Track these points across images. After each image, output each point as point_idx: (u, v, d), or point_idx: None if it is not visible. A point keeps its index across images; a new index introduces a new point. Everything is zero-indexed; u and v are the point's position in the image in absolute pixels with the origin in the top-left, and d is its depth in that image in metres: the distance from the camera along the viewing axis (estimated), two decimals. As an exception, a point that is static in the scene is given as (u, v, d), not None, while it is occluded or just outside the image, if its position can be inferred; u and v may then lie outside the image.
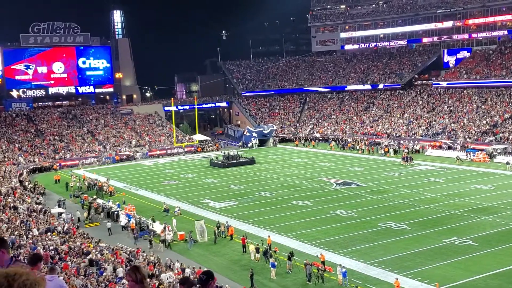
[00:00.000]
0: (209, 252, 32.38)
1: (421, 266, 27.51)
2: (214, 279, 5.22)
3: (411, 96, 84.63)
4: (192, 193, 49.38)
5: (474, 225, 34.09)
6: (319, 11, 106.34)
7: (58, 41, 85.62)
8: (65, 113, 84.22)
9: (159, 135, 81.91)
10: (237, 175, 57.46)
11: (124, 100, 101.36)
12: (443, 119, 73.36)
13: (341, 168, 58.58)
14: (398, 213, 38.18)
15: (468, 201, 40.19)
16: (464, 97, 76.85)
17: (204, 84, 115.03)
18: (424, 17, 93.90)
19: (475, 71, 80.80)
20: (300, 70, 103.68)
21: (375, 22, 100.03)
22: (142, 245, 33.73)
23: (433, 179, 49.85)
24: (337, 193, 45.86)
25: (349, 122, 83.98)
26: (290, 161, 65.10)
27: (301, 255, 29.69)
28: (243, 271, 28.43)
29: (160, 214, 41.20)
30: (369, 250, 30.48)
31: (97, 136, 78.83)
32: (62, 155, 71.81)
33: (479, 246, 29.96)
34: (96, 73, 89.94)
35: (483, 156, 58.13)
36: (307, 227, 35.80)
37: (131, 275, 4.53)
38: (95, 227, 39.76)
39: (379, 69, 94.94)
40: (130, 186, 54.52)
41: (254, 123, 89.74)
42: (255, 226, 36.93)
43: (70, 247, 29.53)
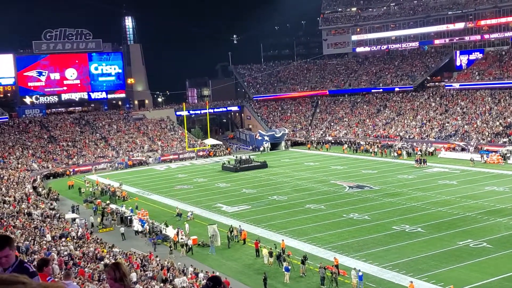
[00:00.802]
0: (222, 257, 32.38)
1: (436, 268, 27.31)
2: (221, 286, 5.11)
3: (423, 98, 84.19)
4: (204, 197, 49.44)
5: (488, 227, 33.80)
6: (330, 14, 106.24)
7: (71, 48, 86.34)
8: (78, 119, 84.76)
9: (171, 139, 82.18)
10: (249, 179, 57.46)
11: (136, 105, 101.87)
12: (456, 121, 72.91)
13: (354, 171, 58.38)
14: (412, 215, 37.95)
15: (482, 203, 39.88)
16: (477, 98, 76.34)
17: (216, 88, 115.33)
18: (436, 18, 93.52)
19: (487, 72, 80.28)
20: (311, 73, 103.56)
21: (387, 24, 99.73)
22: (160, 250, 33.82)
23: (446, 181, 49.52)
24: (350, 196, 45.70)
25: (362, 125, 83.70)
26: (302, 165, 64.98)
27: (314, 259, 29.60)
28: (257, 275, 28.39)
29: (173, 218, 41.27)
30: (383, 253, 30.31)
31: (110, 141, 79.25)
32: (75, 160, 72.23)
33: (494, 248, 29.70)
34: (108, 79, 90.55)
35: (496, 157, 57.68)
36: (320, 231, 35.69)
37: (110, 273, 4.35)
38: (108, 232, 39.90)
39: (391, 72, 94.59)
40: (143, 191, 54.70)
41: (265, 127, 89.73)
42: (268, 230, 36.88)
43: (84, 253, 29.66)
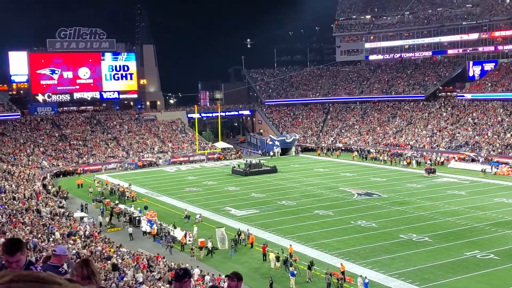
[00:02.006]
0: (229, 260, 32.48)
1: (442, 278, 27.26)
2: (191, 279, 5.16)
3: (435, 108, 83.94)
4: (213, 200, 49.57)
5: (496, 239, 33.67)
6: (344, 21, 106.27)
7: (84, 47, 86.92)
8: (89, 118, 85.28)
9: (182, 142, 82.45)
10: (258, 183, 57.55)
11: (148, 106, 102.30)
12: (467, 132, 72.63)
13: (363, 178, 58.31)
14: (420, 225, 37.87)
15: (491, 215, 39.72)
16: (489, 109, 76.02)
17: (228, 92, 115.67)
18: (450, 28, 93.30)
19: (500, 83, 79.93)
20: (324, 80, 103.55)
21: (400, 33, 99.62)
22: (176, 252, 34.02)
23: (455, 191, 49.36)
24: (359, 204, 45.66)
25: (372, 133, 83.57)
26: (312, 171, 64.98)
27: (321, 265, 29.64)
28: (263, 279, 28.47)
29: (181, 220, 41.41)
30: (390, 261, 30.29)
31: (121, 141, 79.64)
32: (86, 159, 72.67)
33: (501, 260, 29.58)
34: (121, 79, 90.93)
35: (507, 169, 57.40)
36: (327, 237, 35.71)
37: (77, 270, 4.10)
38: (116, 232, 40.13)
39: (403, 80, 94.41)
40: (152, 192, 54.93)
41: (276, 131, 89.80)
42: (276, 234, 36.94)
43: (91, 252, 29.87)
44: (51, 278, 2.28)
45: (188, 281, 5.04)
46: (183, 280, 5.03)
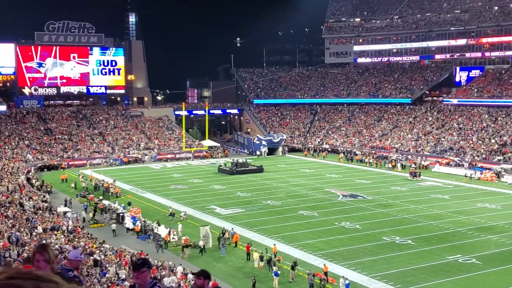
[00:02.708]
0: (212, 258, 32.47)
1: (424, 282, 27.45)
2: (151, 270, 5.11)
3: (421, 112, 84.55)
4: (199, 198, 49.52)
5: (478, 244, 33.98)
6: (334, 23, 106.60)
7: (73, 41, 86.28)
8: (75, 113, 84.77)
9: (169, 139, 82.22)
10: (244, 182, 57.57)
11: (135, 102, 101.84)
12: (452, 136, 73.22)
13: (348, 180, 58.56)
14: (403, 227, 38.11)
15: (474, 219, 40.07)
16: (474, 115, 76.69)
17: (216, 90, 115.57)
18: (438, 33, 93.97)
19: (486, 89, 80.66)
20: (312, 81, 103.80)
21: (389, 37, 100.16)
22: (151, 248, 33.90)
23: (439, 195, 49.73)
24: (343, 205, 45.84)
25: (358, 135, 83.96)
26: (298, 171, 65.14)
27: (304, 265, 29.74)
28: (246, 279, 28.49)
29: (165, 218, 41.30)
30: (372, 263, 30.46)
31: (106, 137, 79.26)
32: (70, 154, 72.25)
33: (483, 265, 29.86)
34: (108, 74, 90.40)
35: (490, 175, 57.93)
36: (311, 238, 35.82)
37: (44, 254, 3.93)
38: (99, 228, 39.94)
39: (390, 84, 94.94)
40: (137, 188, 54.74)
41: (264, 131, 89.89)
42: (260, 234, 36.99)
43: (74, 247, 29.70)
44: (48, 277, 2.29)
45: (146, 271, 5.01)
46: (141, 269, 5.01)
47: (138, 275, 5.06)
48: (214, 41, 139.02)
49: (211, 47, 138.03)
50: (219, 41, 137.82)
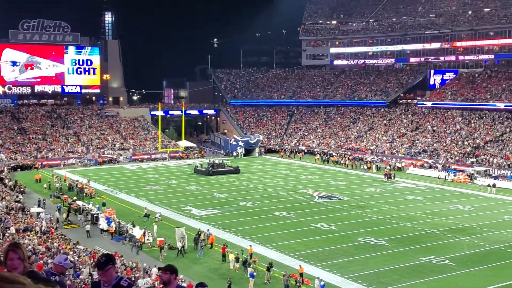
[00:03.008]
0: (188, 260, 32.36)
1: (398, 283, 27.73)
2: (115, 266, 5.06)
3: (396, 114, 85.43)
4: (174, 199, 49.30)
5: (451, 245, 34.43)
6: (311, 25, 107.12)
7: (48, 39, 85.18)
8: (49, 112, 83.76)
9: (144, 139, 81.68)
10: (221, 183, 57.48)
11: (110, 102, 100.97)
12: (426, 139, 74.10)
13: (324, 181, 58.87)
14: (378, 228, 38.45)
15: (447, 221, 40.60)
16: (448, 118, 77.74)
17: (193, 90, 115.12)
18: (413, 37, 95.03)
19: (460, 93, 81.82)
20: (289, 82, 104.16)
21: (365, 40, 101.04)
22: (126, 249, 33.63)
23: (413, 197, 50.29)
24: (319, 206, 46.08)
25: (335, 137, 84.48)
26: (275, 172, 65.27)
27: (280, 266, 29.80)
28: (221, 280, 28.45)
29: (140, 219, 41.04)
30: (347, 264, 30.67)
31: (81, 137, 78.44)
32: (44, 154, 71.35)
33: (456, 266, 30.27)
34: (83, 73, 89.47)
35: (464, 177, 58.75)
36: (287, 239, 35.92)
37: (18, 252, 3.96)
38: (73, 229, 39.51)
39: (366, 86, 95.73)
40: (111, 189, 54.27)
41: (241, 132, 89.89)
42: (236, 235, 36.97)
43: (48, 248, 29.36)
44: (14, 278, 2.28)
45: (111, 267, 4.97)
46: (106, 267, 4.99)
47: (103, 273, 5.00)
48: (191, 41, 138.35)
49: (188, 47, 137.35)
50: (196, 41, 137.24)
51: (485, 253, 32.80)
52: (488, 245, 34.21)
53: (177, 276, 5.65)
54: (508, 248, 33.61)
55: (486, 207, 46.18)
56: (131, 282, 5.25)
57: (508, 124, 70.40)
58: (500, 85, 79.35)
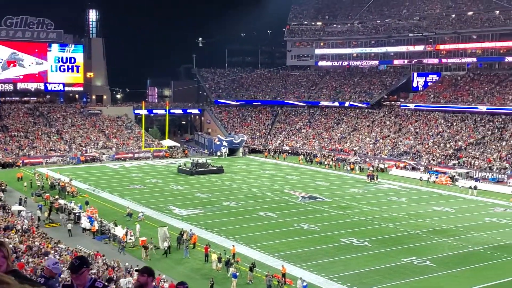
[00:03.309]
0: (170, 260, 32.26)
1: (379, 283, 27.89)
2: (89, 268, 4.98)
3: (379, 116, 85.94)
4: (157, 199, 49.10)
5: (433, 246, 34.71)
6: (296, 26, 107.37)
7: (31, 36, 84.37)
8: (32, 110, 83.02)
9: (127, 138, 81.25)
10: (204, 183, 57.37)
11: (93, 100, 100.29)
12: (408, 140, 74.63)
13: (307, 182, 59.02)
14: (360, 229, 38.64)
15: (429, 222, 40.92)
16: (431, 120, 78.36)
17: (177, 89, 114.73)
18: (397, 39, 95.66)
19: (442, 95, 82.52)
20: (273, 83, 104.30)
21: (349, 41, 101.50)
22: (108, 249, 33.44)
23: (395, 198, 50.62)
24: (302, 207, 46.19)
25: (318, 137, 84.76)
26: (258, 172, 65.31)
27: (262, 267, 29.83)
28: (204, 280, 28.40)
29: (123, 218, 40.83)
30: (330, 265, 30.78)
31: (63, 135, 77.84)
32: (26, 152, 70.69)
33: (437, 267, 30.52)
34: (67, 71, 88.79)
35: (445, 179, 59.26)
36: (270, 239, 35.96)
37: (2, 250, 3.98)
38: (55, 228, 39.20)
39: (350, 87, 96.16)
40: (94, 188, 53.90)
41: (225, 132, 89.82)
42: (219, 235, 36.93)
43: (29, 246, 29.09)
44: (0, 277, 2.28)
45: (85, 271, 4.88)
46: (80, 271, 4.88)
47: (77, 277, 4.90)
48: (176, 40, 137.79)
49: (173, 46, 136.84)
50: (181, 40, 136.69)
51: (466, 254, 33.11)
52: (469, 247, 34.54)
53: (154, 278, 5.59)
54: (488, 249, 33.98)
55: (467, 209, 46.62)
56: (105, 284, 5.16)
57: (490, 127, 71.18)
58: (482, 88, 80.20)
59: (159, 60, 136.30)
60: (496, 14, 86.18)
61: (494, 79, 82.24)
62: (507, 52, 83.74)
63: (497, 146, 65.91)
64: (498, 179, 58.75)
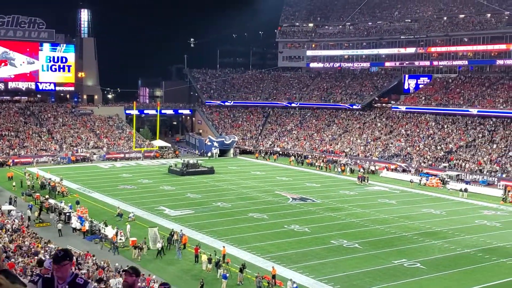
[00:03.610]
0: (161, 261, 32.18)
1: (370, 285, 27.95)
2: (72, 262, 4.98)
3: (370, 118, 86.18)
4: (148, 199, 48.98)
5: (423, 249, 34.82)
6: (288, 27, 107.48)
7: (22, 35, 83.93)
8: (23, 109, 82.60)
9: (118, 138, 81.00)
10: (195, 183, 57.30)
11: (85, 100, 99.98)
12: (399, 142, 74.88)
13: (298, 183, 59.06)
14: (350, 231, 38.72)
15: (419, 225, 41.06)
16: (422, 122, 78.67)
17: (169, 90, 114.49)
18: (388, 41, 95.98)
19: (433, 98, 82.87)
20: (265, 84, 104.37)
21: (341, 43, 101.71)
22: (96, 249, 33.32)
23: (386, 200, 50.76)
24: (293, 208, 46.23)
25: (309, 139, 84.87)
26: (249, 173, 65.30)
27: (253, 268, 29.82)
28: (194, 281, 28.35)
29: (113, 218, 40.69)
30: (320, 266, 30.82)
31: (54, 134, 77.48)
32: (17, 151, 70.31)
33: (427, 269, 30.62)
34: (58, 71, 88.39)
35: (436, 181, 59.49)
36: (261, 240, 35.96)
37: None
38: (45, 228, 39.03)
39: (341, 89, 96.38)
40: (84, 188, 53.70)
41: (216, 132, 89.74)
42: (210, 236, 36.89)
43: (19, 246, 28.93)
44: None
45: (68, 263, 4.88)
46: (62, 262, 4.89)
47: (59, 268, 4.88)
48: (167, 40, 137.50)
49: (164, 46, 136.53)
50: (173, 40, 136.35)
51: (456, 257, 33.25)
52: (459, 249, 34.69)
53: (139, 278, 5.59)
54: (478, 252, 34.14)
55: (458, 211, 46.82)
56: (86, 280, 5.12)
57: (481, 129, 71.57)
58: (473, 91, 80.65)
59: (150, 60, 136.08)
60: (488, 17, 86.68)
61: (485, 82, 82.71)
62: (498, 55, 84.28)
63: (488, 149, 66.28)
64: (489, 182, 59.04)
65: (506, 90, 77.31)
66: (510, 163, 61.28)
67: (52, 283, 4.97)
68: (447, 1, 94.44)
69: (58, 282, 4.95)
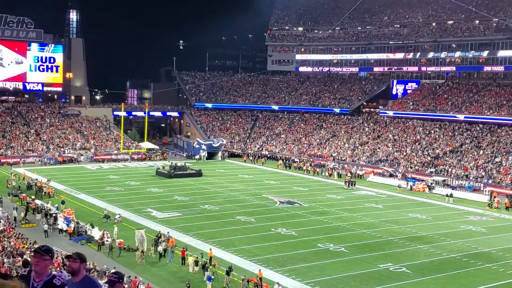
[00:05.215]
0: (147, 262, 32.08)
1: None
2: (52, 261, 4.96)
3: (358, 122, 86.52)
4: (135, 201, 48.81)
5: (409, 253, 35.00)
6: (277, 31, 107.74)
7: (10, 35, 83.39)
8: (10, 109, 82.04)
9: (106, 139, 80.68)
10: (182, 186, 57.21)
11: (72, 100, 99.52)
12: (387, 147, 75.24)
13: (286, 187, 59.15)
14: (337, 235, 38.83)
15: (405, 229, 41.27)
16: (409, 127, 79.11)
17: (157, 92, 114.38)
18: (377, 46, 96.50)
19: (421, 103, 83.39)
20: (254, 87, 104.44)
21: (330, 47, 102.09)
22: (85, 250, 33.09)
23: (373, 204, 50.97)
24: (280, 211, 46.28)
25: (297, 143, 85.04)
26: (237, 176, 65.29)
27: (239, 271, 29.81)
28: (180, 283, 28.31)
29: (99, 220, 40.52)
30: (306, 269, 30.87)
31: (41, 135, 77.04)
32: (4, 151, 69.82)
33: (413, 274, 30.77)
34: (46, 71, 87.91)
35: (422, 186, 59.83)
36: (248, 243, 35.98)
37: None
38: (31, 228, 38.77)
39: (330, 93, 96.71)
40: (71, 189, 53.43)
41: (204, 135, 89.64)
42: (197, 238, 36.83)
43: (3, 247, 28.73)
44: None
45: (48, 260, 4.87)
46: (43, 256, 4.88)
47: (38, 261, 4.83)
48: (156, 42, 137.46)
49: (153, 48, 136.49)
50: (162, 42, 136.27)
51: (441, 261, 33.43)
52: (445, 254, 34.88)
53: (86, 265, 5.47)
54: (463, 257, 34.35)
55: (444, 216, 47.10)
56: (64, 282, 5.06)
57: (467, 135, 72.10)
58: (461, 97, 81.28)
59: (139, 62, 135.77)
60: (476, 24, 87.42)
61: (473, 88, 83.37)
62: (486, 62, 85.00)
63: (474, 154, 66.78)
64: (475, 188, 59.46)
65: (493, 97, 78.00)
66: (496, 169, 61.81)
67: (28, 281, 4.91)
68: (436, 7, 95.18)
69: (34, 280, 4.89)
